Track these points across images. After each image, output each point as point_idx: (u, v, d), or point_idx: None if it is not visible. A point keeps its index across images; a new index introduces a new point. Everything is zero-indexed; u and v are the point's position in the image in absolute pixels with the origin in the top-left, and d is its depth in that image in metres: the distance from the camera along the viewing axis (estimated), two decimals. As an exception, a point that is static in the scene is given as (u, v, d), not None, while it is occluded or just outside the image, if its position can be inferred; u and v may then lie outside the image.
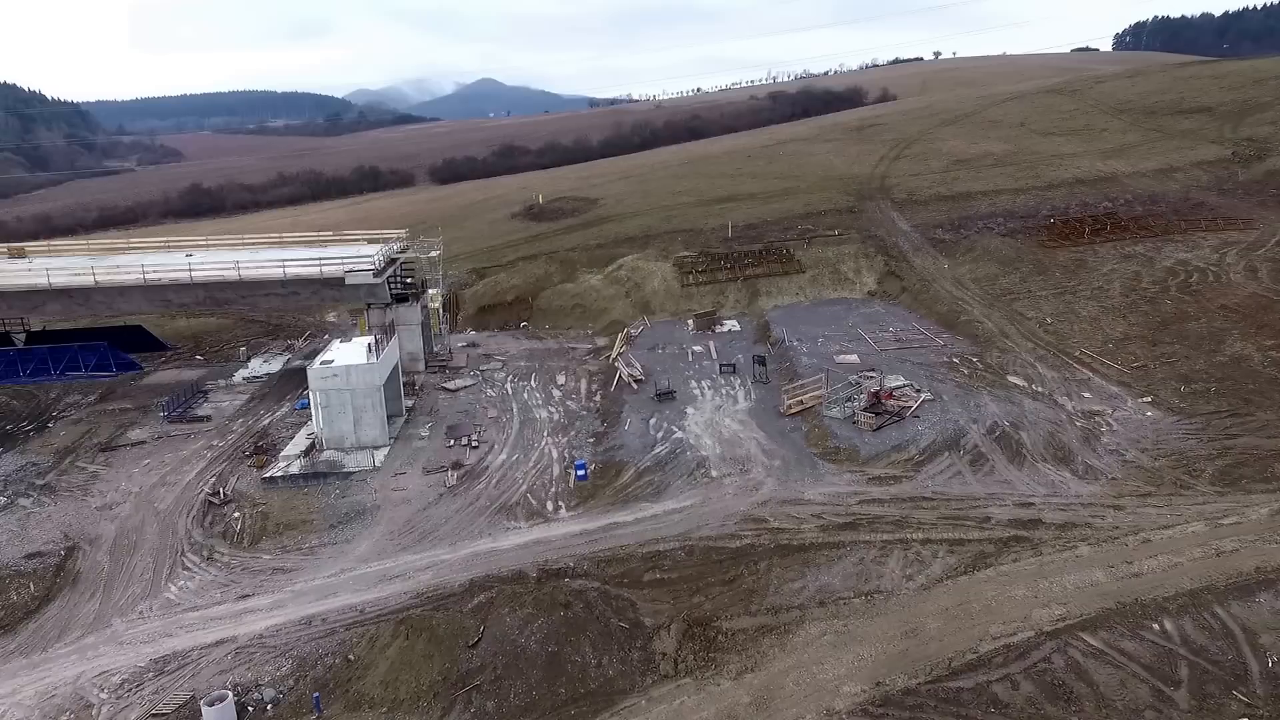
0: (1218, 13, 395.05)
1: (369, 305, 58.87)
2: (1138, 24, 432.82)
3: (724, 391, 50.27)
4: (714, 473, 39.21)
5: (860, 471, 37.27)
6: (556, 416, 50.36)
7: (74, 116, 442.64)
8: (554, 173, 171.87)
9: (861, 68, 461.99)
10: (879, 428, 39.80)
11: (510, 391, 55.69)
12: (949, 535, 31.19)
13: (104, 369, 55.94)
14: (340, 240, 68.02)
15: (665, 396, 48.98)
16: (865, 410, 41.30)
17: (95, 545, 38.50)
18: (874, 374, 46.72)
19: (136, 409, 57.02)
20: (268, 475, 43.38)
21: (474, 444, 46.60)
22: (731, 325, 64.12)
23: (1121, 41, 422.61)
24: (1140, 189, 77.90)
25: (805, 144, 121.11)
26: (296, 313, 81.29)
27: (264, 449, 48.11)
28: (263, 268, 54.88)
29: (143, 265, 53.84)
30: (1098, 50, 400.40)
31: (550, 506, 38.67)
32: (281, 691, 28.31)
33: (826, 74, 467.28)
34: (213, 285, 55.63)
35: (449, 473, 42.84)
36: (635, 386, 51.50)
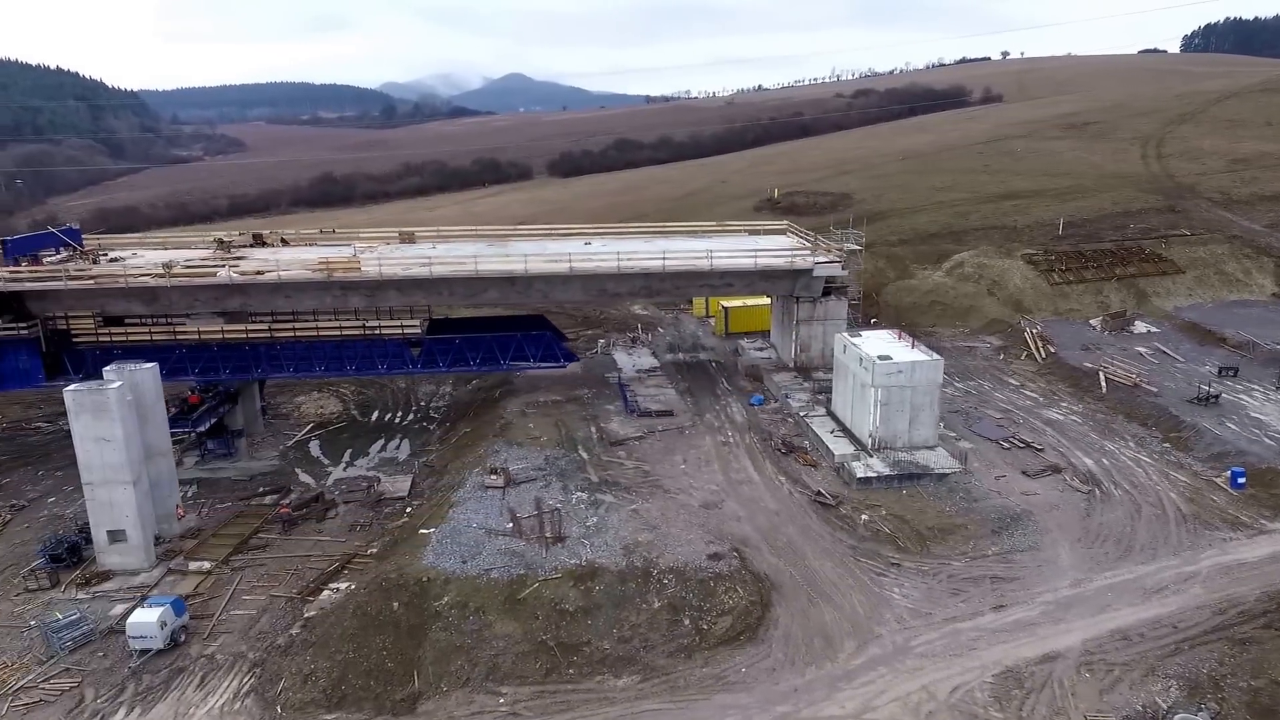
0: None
1: (798, 299, 56.77)
2: (1208, 25, 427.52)
3: (1257, 395, 48.06)
4: None
5: None
6: (1074, 419, 48.25)
7: (138, 106, 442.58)
8: (711, 163, 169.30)
9: (928, 66, 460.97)
10: None
11: (973, 390, 53.59)
12: None
13: (550, 359, 53.78)
14: (722, 231, 66.06)
15: (1210, 400, 46.78)
16: None
17: (750, 546, 36.44)
18: None
19: (568, 400, 55.03)
20: (861, 476, 41.23)
21: (1035, 446, 44.45)
22: (1146, 326, 61.86)
23: (1190, 43, 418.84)
24: None
25: (1030, 142, 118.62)
26: (599, 306, 79.22)
27: (794, 447, 46.07)
28: (735, 258, 52.74)
29: (618, 253, 51.76)
30: (1165, 52, 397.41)
31: (1244, 516, 36.55)
32: (1211, 713, 26.19)
33: (892, 72, 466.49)
34: (656, 275, 53.38)
35: (1063, 476, 40.72)
36: (1155, 390, 49.24)
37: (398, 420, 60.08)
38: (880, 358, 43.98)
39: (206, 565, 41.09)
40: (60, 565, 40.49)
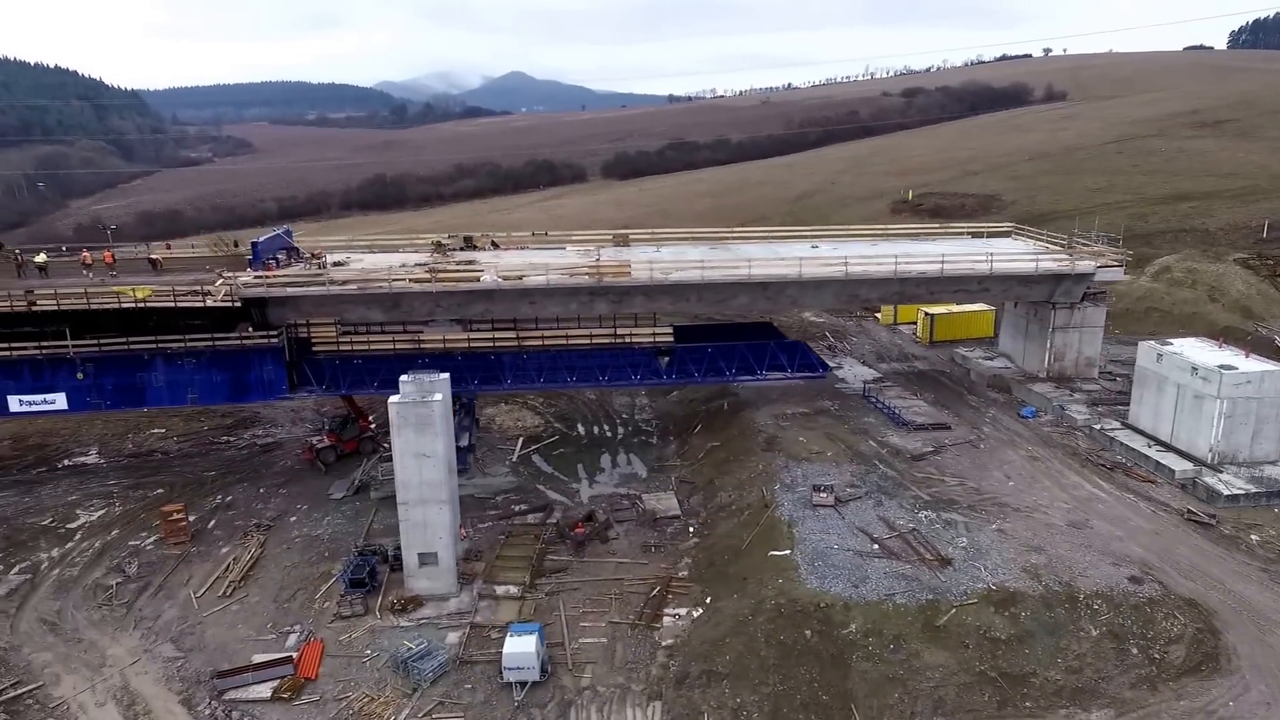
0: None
1: (1054, 305, 56.11)
2: (1256, 21, 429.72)
3: None
4: None
5: None
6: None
7: (140, 106, 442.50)
8: (797, 164, 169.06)
9: (967, 64, 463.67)
10: None
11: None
12: None
13: (807, 369, 52.98)
14: (945, 234, 65.54)
15: None
16: None
17: (1155, 569, 35.52)
18: None
19: (815, 412, 54.13)
20: (1229, 494, 40.46)
21: (1386, 461, 43.77)
22: (1405, 333, 61.31)
23: (1237, 39, 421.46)
24: None
25: (1167, 141, 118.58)
26: (772, 314, 78.40)
27: (1115, 462, 45.30)
28: (1015, 261, 52.11)
29: (895, 257, 50.96)
30: (1213, 48, 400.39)
31: None
32: None
33: (929, 70, 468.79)
34: (914, 279, 52.70)
35: None
36: None
37: (609, 434, 59.20)
38: (1223, 367, 43.25)
39: (514, 590, 40.19)
40: (363, 590, 39.54)
